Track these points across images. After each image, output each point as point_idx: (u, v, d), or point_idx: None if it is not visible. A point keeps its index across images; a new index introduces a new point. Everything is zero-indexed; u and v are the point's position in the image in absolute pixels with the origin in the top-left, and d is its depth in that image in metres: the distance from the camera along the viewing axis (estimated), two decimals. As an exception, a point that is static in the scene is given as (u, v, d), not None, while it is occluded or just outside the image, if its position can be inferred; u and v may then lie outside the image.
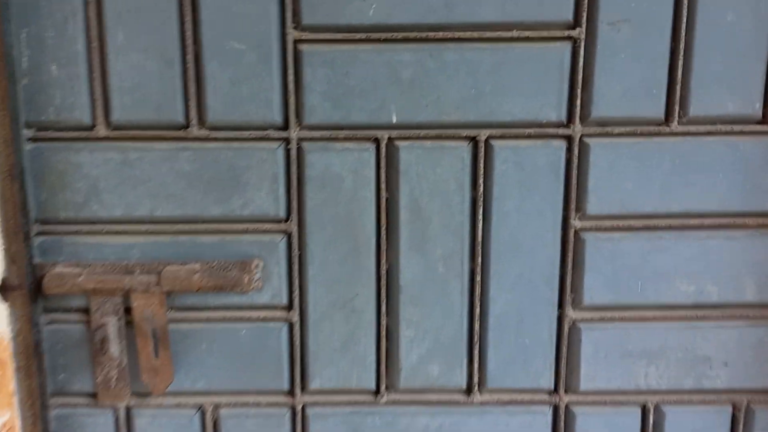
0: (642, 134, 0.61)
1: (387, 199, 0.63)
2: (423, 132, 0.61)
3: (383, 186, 0.62)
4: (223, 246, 0.63)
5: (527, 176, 0.62)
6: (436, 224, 0.62)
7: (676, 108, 0.60)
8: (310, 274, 0.63)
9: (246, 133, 0.59)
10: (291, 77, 0.59)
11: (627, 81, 0.60)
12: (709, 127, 0.60)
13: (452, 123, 0.61)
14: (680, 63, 0.60)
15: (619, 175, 0.61)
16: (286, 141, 0.60)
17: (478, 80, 0.60)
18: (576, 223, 0.62)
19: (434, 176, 0.62)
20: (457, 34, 0.59)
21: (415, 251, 0.63)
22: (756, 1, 0.62)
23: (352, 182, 0.62)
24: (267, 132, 0.60)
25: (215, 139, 0.59)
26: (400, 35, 0.59)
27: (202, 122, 0.59)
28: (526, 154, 0.61)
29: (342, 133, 0.61)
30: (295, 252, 0.62)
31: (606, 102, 0.60)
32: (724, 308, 0.63)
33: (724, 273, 0.63)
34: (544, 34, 0.59)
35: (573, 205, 0.62)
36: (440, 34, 0.59)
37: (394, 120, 0.60)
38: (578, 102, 0.61)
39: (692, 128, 0.60)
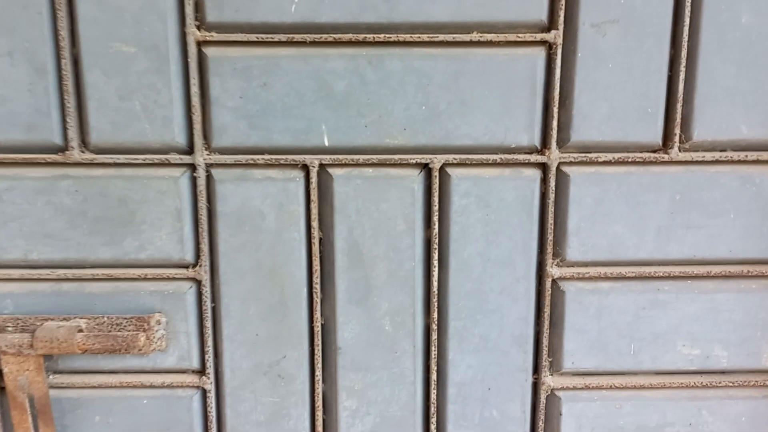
0: (635, 162, 0.55)
1: (320, 241, 0.57)
2: (363, 158, 0.55)
3: (315, 224, 0.56)
4: (116, 297, 0.56)
5: (493, 214, 0.56)
6: (381, 271, 0.56)
7: (677, 131, 0.54)
8: (226, 332, 0.56)
9: (140, 158, 0.53)
10: (195, 89, 0.52)
11: (616, 96, 0.54)
12: (717, 155, 0.54)
13: (399, 147, 0.55)
14: (682, 75, 0.53)
15: (606, 214, 0.56)
16: (192, 168, 0.54)
17: (431, 94, 0.54)
18: (554, 270, 0.56)
19: (378, 213, 0.56)
20: (402, 37, 0.53)
21: (355, 305, 0.57)
22: None
23: (276, 219, 0.56)
24: (167, 157, 0.53)
25: (102, 165, 0.53)
26: (332, 37, 0.53)
27: (84, 144, 0.53)
28: (491, 186, 0.55)
29: (262, 159, 0.54)
30: (207, 305, 0.56)
31: (589, 123, 0.54)
32: (734, 375, 0.57)
33: (735, 334, 0.57)
34: (512, 37, 0.53)
35: (550, 250, 0.56)
36: (382, 37, 0.53)
37: (326, 143, 0.54)
38: (555, 122, 0.54)
39: (697, 156, 0.54)
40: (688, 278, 0.57)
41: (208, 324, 0.56)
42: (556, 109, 0.54)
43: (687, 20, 0.53)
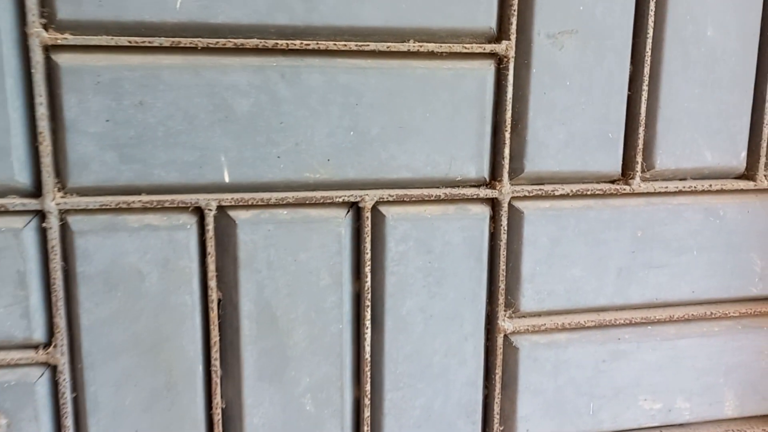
0: (594, 195, 0.69)
1: (219, 303, 0.64)
2: (276, 197, 0.62)
3: (212, 284, 0.62)
4: (-72, 394, 0.62)
5: (436, 260, 0.66)
6: (300, 338, 0.65)
7: (639, 158, 0.68)
8: (93, 431, 0.63)
9: (-38, 205, 0.54)
10: (42, 109, 0.57)
11: (574, 120, 0.66)
12: (680, 185, 0.69)
13: (321, 182, 0.63)
14: (644, 95, 0.67)
15: (564, 255, 0.69)
16: (40, 215, 0.59)
17: (360, 117, 0.62)
18: (506, 324, 0.69)
19: (296, 266, 0.63)
20: (324, 44, 0.60)
21: (267, 382, 0.65)
22: (744, 10, 0.75)
23: (160, 280, 0.61)
24: (3, 201, 0.58)
25: None
26: (231, 43, 0.58)
27: None
28: (433, 227, 0.65)
29: (139, 201, 0.60)
30: (67, 396, 0.61)
31: (545, 150, 0.66)
32: (697, 428, 0.75)
33: (697, 382, 0.74)
34: (457, 48, 0.62)
35: (501, 300, 0.68)
36: (297, 44, 0.59)
37: (227, 178, 0.61)
38: (506, 150, 0.66)
39: (659, 186, 0.69)
40: (649, 324, 0.71)
41: (68, 422, 0.62)
42: (507, 135, 0.65)
43: (650, 32, 0.65)
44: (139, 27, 0.58)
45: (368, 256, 0.65)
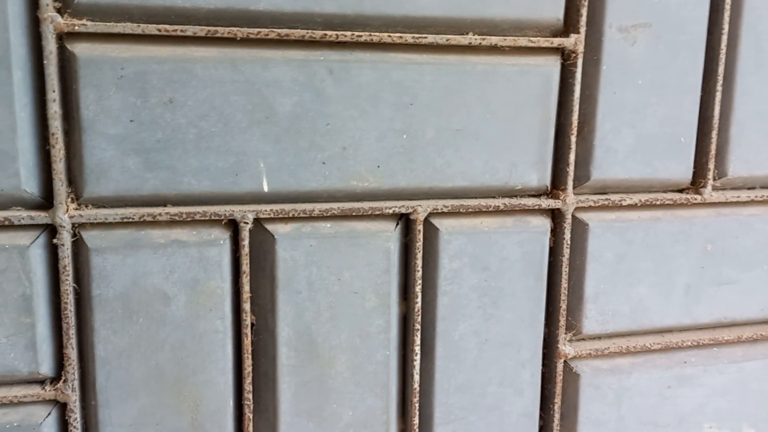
0: (663, 206, 0.68)
1: (253, 329, 0.62)
2: (319, 209, 0.60)
3: (246, 307, 0.60)
4: None
5: (493, 278, 0.65)
6: (343, 367, 0.63)
7: (711, 165, 0.67)
8: None
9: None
10: (55, 107, 0.54)
11: (644, 122, 0.65)
12: (752, 194, 0.69)
13: (369, 192, 0.61)
14: (718, 96, 0.67)
15: (630, 272, 0.68)
16: (50, 230, 0.56)
17: (414, 118, 0.61)
18: (566, 348, 0.68)
19: (339, 285, 0.61)
20: (376, 36, 0.58)
21: (306, 417, 0.63)
22: None
23: (188, 304, 0.59)
24: (8, 214, 0.55)
25: None
26: (274, 33, 0.56)
27: None
28: (490, 241, 0.64)
29: (166, 213, 0.57)
30: None
31: (613, 156, 0.65)
32: None
33: (765, 408, 0.74)
34: (520, 41, 0.61)
35: (562, 322, 0.68)
36: (347, 35, 0.57)
37: (266, 188, 0.59)
38: (571, 155, 0.65)
39: (731, 195, 0.69)
40: (716, 345, 0.71)
41: (77, 465, 0.59)
42: (573, 138, 0.63)
43: (725, 26, 0.65)
44: (169, 14, 0.55)
45: (419, 274, 0.64)
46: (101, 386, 0.58)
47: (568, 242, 0.65)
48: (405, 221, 0.62)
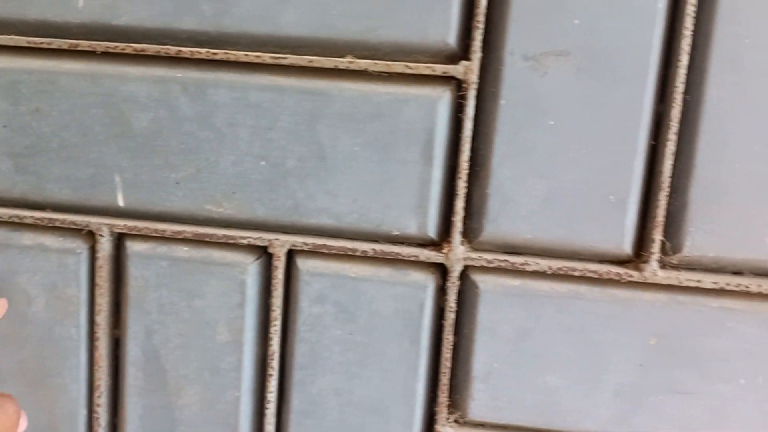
0: (586, 279, 0.61)
1: (116, 343, 0.68)
2: (171, 229, 0.64)
3: (100, 319, 0.68)
4: None
5: (360, 333, 0.64)
6: (192, 399, 0.68)
7: (657, 236, 0.58)
8: None
9: None
10: None
11: (560, 173, 0.59)
12: (723, 280, 0.60)
13: (226, 219, 0.65)
14: (668, 145, 0.58)
15: (536, 354, 0.63)
16: None
17: (274, 144, 0.62)
18: (446, 431, 0.60)
19: (190, 313, 0.65)
20: (234, 55, 0.61)
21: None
22: None
23: (47, 307, 0.67)
24: None
25: None
26: (131, 48, 0.62)
27: None
28: (359, 290, 0.63)
29: (31, 216, 0.66)
30: None
31: (515, 209, 0.60)
32: None
33: None
34: (395, 67, 0.59)
35: (443, 399, 0.65)
36: (204, 53, 0.61)
37: (121, 203, 0.64)
38: (458, 203, 0.61)
39: (689, 278, 0.60)
40: None
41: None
42: (462, 183, 0.59)
43: (683, 57, 0.56)
44: (43, 26, 0.64)
45: (277, 313, 0.66)
46: None
47: (453, 306, 0.62)
48: (267, 255, 0.65)
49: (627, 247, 0.56)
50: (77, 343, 0.64)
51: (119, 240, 0.65)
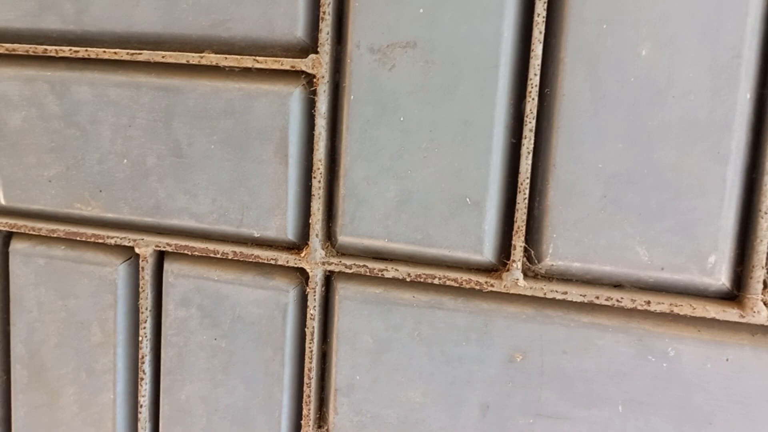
0: (446, 288, 0.57)
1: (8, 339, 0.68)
2: (45, 228, 0.65)
3: None
4: None
5: (224, 339, 0.63)
6: (69, 401, 0.68)
7: (518, 242, 0.53)
8: None
9: None
10: None
11: (413, 172, 0.56)
12: (593, 293, 0.54)
13: (94, 218, 0.65)
14: (524, 143, 0.53)
15: (396, 368, 0.59)
16: None
17: (133, 142, 0.62)
18: None
19: (66, 312, 0.66)
20: (94, 53, 0.61)
21: None
22: (712, 15, 0.49)
23: None
24: None
25: None
26: (5, 48, 0.63)
27: None
28: (220, 294, 0.63)
29: None
30: None
31: (369, 211, 0.57)
32: None
33: None
34: (247, 62, 0.58)
35: (306, 412, 0.62)
36: (67, 51, 0.62)
37: (2, 200, 0.66)
38: (315, 204, 0.59)
39: (554, 290, 0.54)
40: None
41: None
42: (319, 184, 0.57)
43: (537, 47, 0.51)
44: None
45: (146, 315, 0.65)
46: None
47: (313, 314, 0.59)
48: (137, 257, 0.64)
49: (488, 254, 0.51)
50: None
51: (8, 238, 0.68)
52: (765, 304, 0.49)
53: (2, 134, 0.61)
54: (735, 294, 0.49)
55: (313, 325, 0.57)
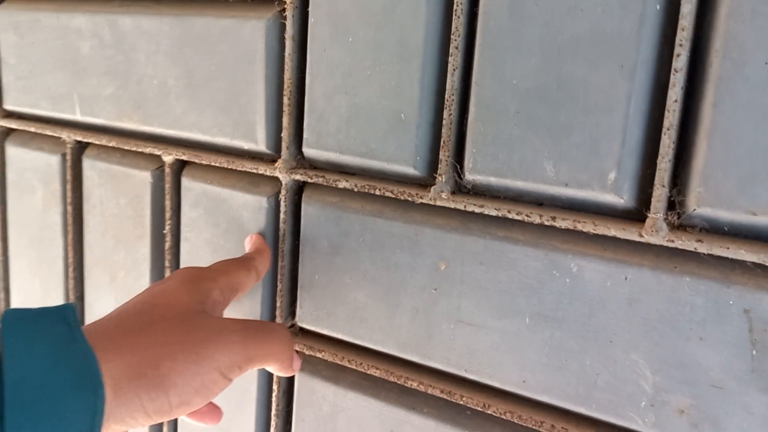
0: (384, 199, 0.56)
1: (74, 225, 0.78)
2: (107, 140, 0.71)
3: (69, 208, 0.77)
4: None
5: (221, 237, 0.66)
6: (123, 282, 0.75)
7: (446, 156, 0.52)
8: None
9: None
10: None
11: (359, 89, 0.55)
12: (507, 208, 0.50)
13: (135, 131, 0.70)
14: (450, 60, 0.50)
15: (347, 270, 0.59)
16: None
17: (159, 65, 0.66)
18: None
19: (118, 210, 0.72)
20: None
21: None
22: None
23: (43, 198, 0.79)
24: None
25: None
26: None
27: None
28: (219, 198, 0.66)
29: (33, 127, 0.77)
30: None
31: (325, 126, 0.58)
32: None
33: None
34: None
35: (279, 304, 0.64)
36: None
37: (79, 116, 0.73)
38: (284, 119, 0.60)
39: (473, 203, 0.52)
40: (446, 404, 0.55)
41: None
42: (286, 100, 0.58)
43: None
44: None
45: (168, 215, 0.70)
46: (12, 243, 0.84)
47: (285, 218, 0.62)
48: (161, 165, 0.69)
49: (421, 169, 0.51)
50: (59, 229, 0.72)
51: (84, 147, 0.76)
52: (671, 225, 0.43)
53: (77, 60, 0.68)
54: (644, 214, 0.43)
55: (284, 227, 0.58)
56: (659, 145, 0.43)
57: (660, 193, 0.43)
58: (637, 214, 0.45)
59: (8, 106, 0.78)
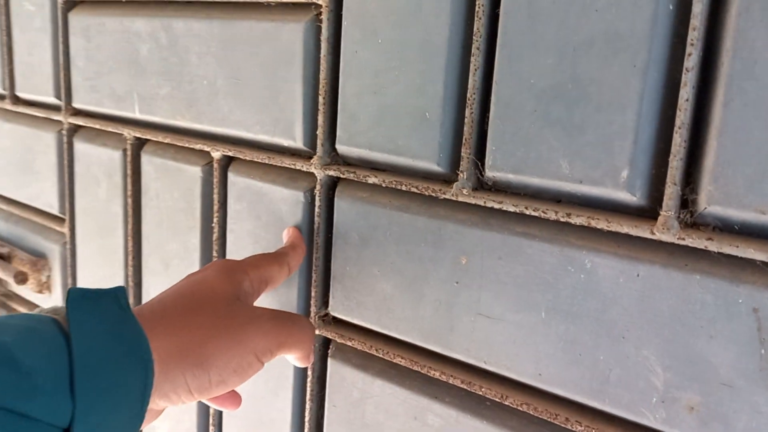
0: (410, 194, 0.57)
1: (133, 216, 0.81)
2: (162, 136, 0.75)
3: (130, 201, 0.80)
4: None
5: (262, 229, 0.68)
6: (175, 272, 0.81)
7: (466, 154, 0.52)
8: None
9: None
10: (62, 47, 0.83)
11: (387, 89, 0.56)
12: (528, 205, 0.51)
13: (187, 128, 0.73)
14: (472, 60, 0.51)
15: (375, 262, 0.60)
16: (60, 125, 0.87)
17: (209, 66, 0.69)
18: (317, 324, 0.65)
19: (172, 202, 0.75)
20: None
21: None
22: None
23: (107, 190, 0.83)
24: (49, 112, 0.87)
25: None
26: None
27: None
28: (261, 192, 0.67)
29: (97, 124, 0.81)
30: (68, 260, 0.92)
31: (356, 125, 0.59)
32: None
33: None
34: None
35: (314, 294, 0.65)
36: None
37: (138, 113, 0.76)
38: (320, 118, 0.61)
39: (493, 200, 0.52)
40: (467, 394, 0.55)
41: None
42: (321, 100, 0.60)
43: None
44: (100, -17, 0.79)
45: (216, 208, 0.73)
46: (78, 231, 0.89)
47: (319, 212, 0.64)
48: (209, 160, 0.73)
49: (444, 165, 0.52)
50: (120, 218, 0.77)
51: (143, 143, 0.80)
52: (684, 223, 0.42)
53: (137, 61, 0.71)
54: (656, 212, 0.43)
55: (318, 221, 0.59)
56: (671, 144, 0.42)
57: (672, 191, 0.42)
58: (649, 212, 0.45)
59: (77, 104, 0.83)
